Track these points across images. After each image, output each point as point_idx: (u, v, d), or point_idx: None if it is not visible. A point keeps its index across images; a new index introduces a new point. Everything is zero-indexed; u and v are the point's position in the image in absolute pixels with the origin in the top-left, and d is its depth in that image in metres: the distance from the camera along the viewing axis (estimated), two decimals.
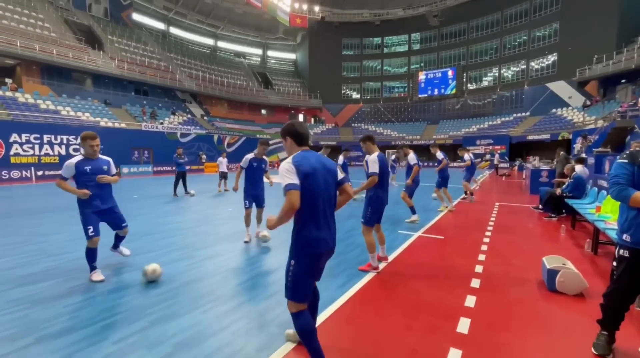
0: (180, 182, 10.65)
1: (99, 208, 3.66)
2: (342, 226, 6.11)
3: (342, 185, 2.23)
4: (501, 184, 15.60)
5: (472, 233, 5.74)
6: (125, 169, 22.05)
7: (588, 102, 27.91)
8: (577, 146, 20.41)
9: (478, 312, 2.88)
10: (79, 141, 21.78)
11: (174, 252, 4.62)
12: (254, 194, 5.28)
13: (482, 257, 4.43)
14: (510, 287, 3.43)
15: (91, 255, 3.62)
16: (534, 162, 12.73)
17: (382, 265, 4.06)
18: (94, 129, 22.55)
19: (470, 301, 3.08)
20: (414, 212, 6.67)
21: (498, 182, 16.82)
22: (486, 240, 5.33)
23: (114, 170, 3.90)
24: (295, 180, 1.90)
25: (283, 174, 1.93)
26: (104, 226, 3.76)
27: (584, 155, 10.55)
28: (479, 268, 3.97)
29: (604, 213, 4.97)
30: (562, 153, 9.12)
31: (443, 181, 8.13)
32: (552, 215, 6.85)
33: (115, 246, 4.15)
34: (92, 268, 3.66)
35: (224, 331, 2.58)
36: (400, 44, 45.23)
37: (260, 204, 5.43)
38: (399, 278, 3.68)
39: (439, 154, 8.06)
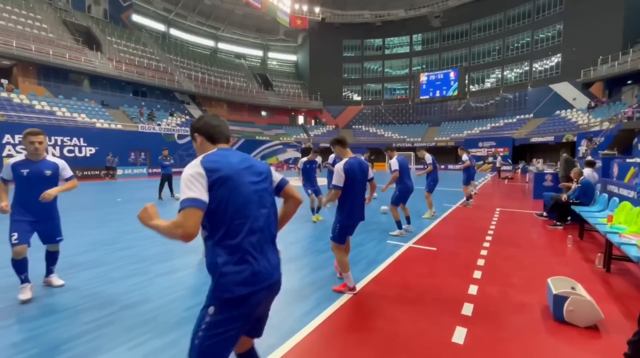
0: (166, 185, 10.18)
1: (31, 218, 3.14)
2: (326, 235, 5.61)
3: (282, 189, 1.67)
4: (503, 187, 15.01)
5: (467, 245, 5.19)
6: (120, 171, 21.62)
7: (593, 104, 27.23)
8: (582, 149, 19.80)
9: (467, 352, 2.34)
10: (73, 142, 21.61)
11: (129, 266, 4.10)
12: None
13: (477, 274, 3.89)
14: (509, 315, 2.89)
15: (17, 266, 3.10)
16: (537, 165, 12.14)
17: (361, 284, 3.54)
18: (90, 131, 22.26)
19: (459, 335, 2.54)
20: (399, 227, 5.81)
21: (500, 185, 16.23)
22: (484, 252, 4.79)
23: (66, 174, 3.33)
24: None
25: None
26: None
27: (590, 158, 9.98)
28: (473, 289, 3.43)
29: (617, 223, 4.42)
30: (564, 155, 8.54)
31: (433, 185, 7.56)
32: (558, 223, 6.27)
33: (48, 272, 3.47)
34: (22, 280, 3.13)
35: None
36: (401, 45, 44.76)
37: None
38: (378, 302, 3.14)
39: (428, 157, 7.50)
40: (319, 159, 7.74)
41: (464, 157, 10.34)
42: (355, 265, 4.14)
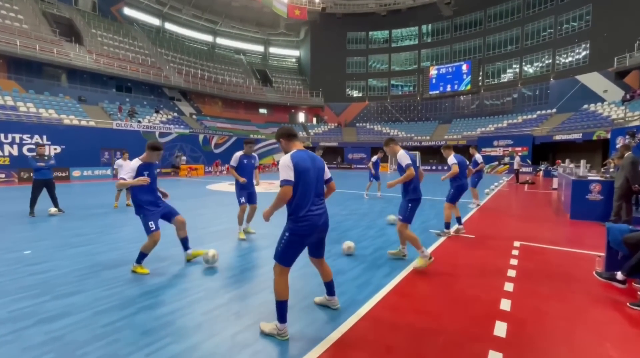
0: (48, 195, 7.43)
1: None
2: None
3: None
4: (522, 196, 11.85)
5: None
6: (76, 172, 19.39)
7: (629, 96, 23.49)
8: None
9: None
10: (34, 140, 19.50)
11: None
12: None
13: None
14: None
15: None
16: (570, 167, 9.01)
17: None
18: (55, 128, 20.16)
19: None
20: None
21: (518, 192, 13.06)
22: None
23: None
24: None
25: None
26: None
27: None
28: None
29: None
30: (627, 154, 5.55)
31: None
32: None
33: None
34: None
35: None
36: (409, 37, 41.48)
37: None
38: None
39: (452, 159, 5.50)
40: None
41: (477, 156, 7.82)
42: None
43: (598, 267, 3.81)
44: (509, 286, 3.35)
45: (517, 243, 5.02)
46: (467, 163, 5.93)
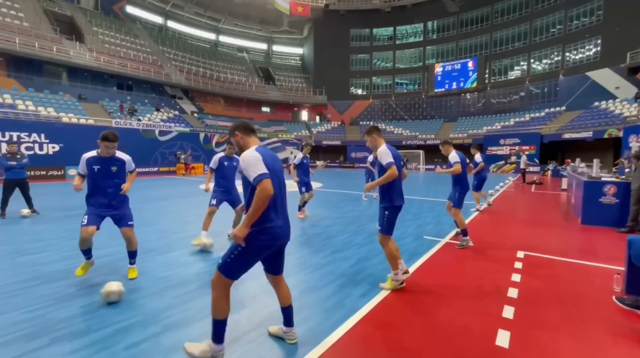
0: (22, 195, 7.03)
1: None
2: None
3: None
4: (529, 198, 11.18)
5: None
6: (72, 171, 19.14)
7: None
8: (635, 145, 15.53)
9: None
10: (32, 138, 19.31)
11: None
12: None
13: None
14: None
15: None
16: (581, 167, 8.32)
17: None
18: (53, 126, 19.96)
19: None
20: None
21: (525, 193, 12.38)
22: None
23: None
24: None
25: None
26: None
27: None
28: None
29: None
30: None
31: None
32: None
33: None
34: None
35: None
36: (414, 33, 40.66)
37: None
38: None
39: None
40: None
41: (477, 157, 7.24)
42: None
43: (617, 286, 3.22)
44: (508, 312, 2.79)
45: (520, 254, 4.43)
46: (468, 161, 5.38)
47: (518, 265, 3.99)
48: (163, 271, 3.70)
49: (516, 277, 3.59)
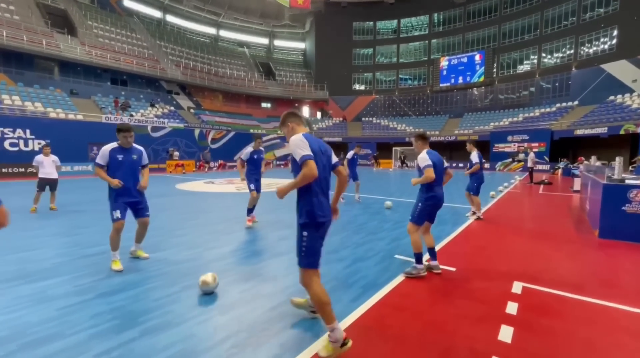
0: None
1: None
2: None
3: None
4: (535, 201, 9.96)
5: None
6: (67, 168, 18.37)
7: None
8: None
9: None
10: (17, 134, 18.67)
11: None
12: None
13: None
14: None
15: None
16: (596, 165, 7.12)
17: None
18: (39, 122, 19.29)
19: None
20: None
21: (531, 195, 11.17)
22: None
23: None
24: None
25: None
26: None
27: None
28: None
29: None
30: None
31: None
32: None
33: None
34: None
35: None
36: (419, 26, 39.21)
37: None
38: None
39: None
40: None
41: (474, 156, 6.55)
42: None
43: None
44: None
45: (517, 286, 3.28)
46: (446, 163, 4.29)
47: (512, 307, 2.85)
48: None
49: (505, 333, 2.43)
